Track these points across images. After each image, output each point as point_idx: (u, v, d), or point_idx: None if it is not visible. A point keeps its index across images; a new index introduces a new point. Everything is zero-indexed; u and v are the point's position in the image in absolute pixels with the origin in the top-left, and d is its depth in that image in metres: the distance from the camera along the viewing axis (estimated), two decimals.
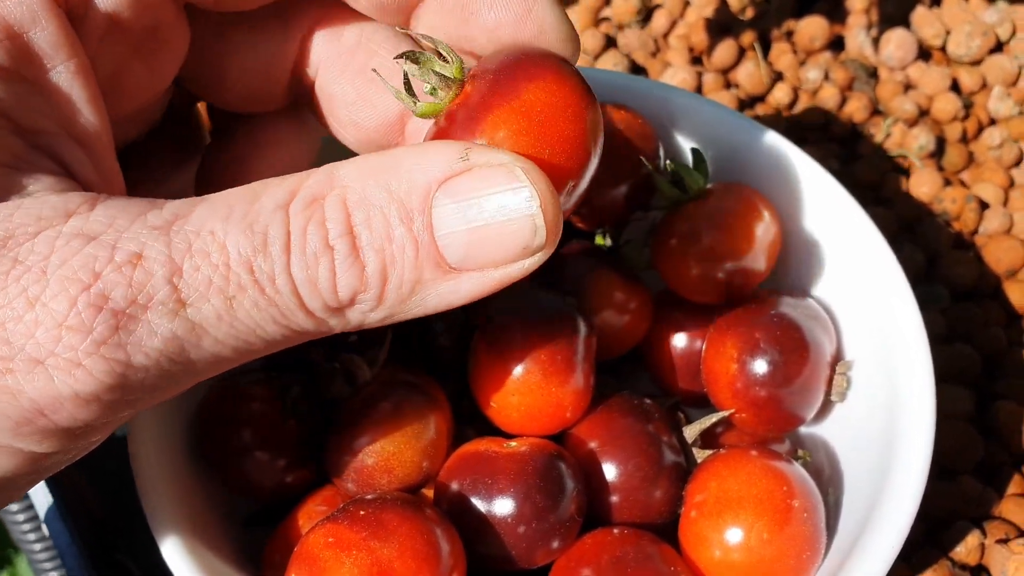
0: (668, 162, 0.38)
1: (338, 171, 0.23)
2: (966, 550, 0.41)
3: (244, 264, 0.22)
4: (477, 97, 0.25)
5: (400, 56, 0.25)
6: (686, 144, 0.41)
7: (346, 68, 0.30)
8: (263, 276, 0.22)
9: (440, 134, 0.25)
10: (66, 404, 0.22)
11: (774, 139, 0.39)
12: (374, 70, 0.28)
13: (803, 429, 0.39)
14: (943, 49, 0.59)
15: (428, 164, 0.23)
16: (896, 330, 0.35)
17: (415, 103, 0.26)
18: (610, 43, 0.60)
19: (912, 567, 0.40)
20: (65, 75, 0.24)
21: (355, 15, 0.29)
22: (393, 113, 0.30)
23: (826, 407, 0.38)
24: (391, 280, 0.23)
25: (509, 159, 0.23)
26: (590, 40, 0.59)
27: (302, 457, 0.34)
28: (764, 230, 0.37)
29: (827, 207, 0.38)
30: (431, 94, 0.25)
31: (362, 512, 0.29)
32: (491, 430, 0.36)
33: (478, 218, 0.23)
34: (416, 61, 0.25)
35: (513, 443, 0.33)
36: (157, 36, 0.27)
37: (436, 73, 0.25)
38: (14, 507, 0.54)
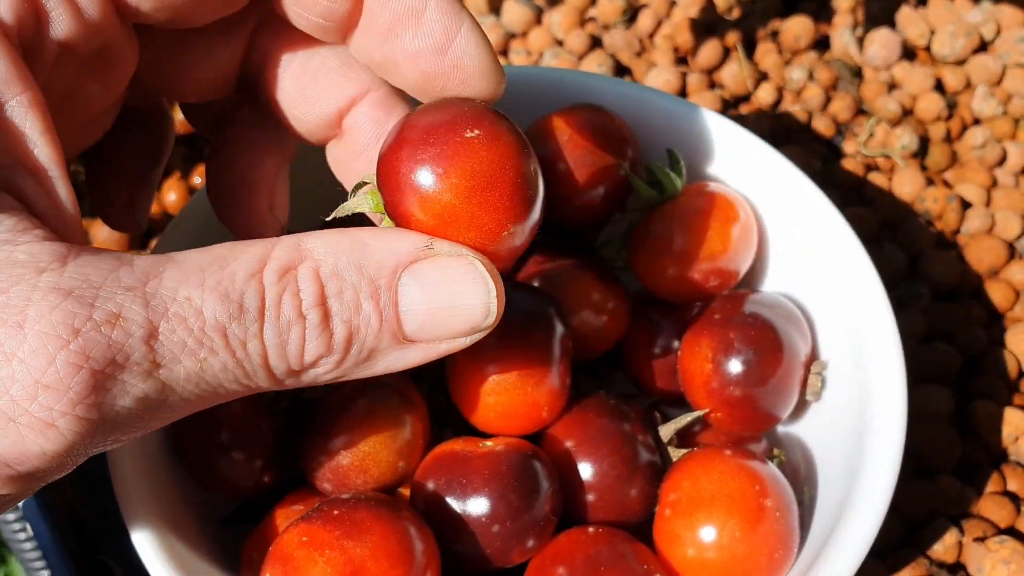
0: (645, 163, 0.38)
1: (305, 244, 0.25)
2: (944, 548, 0.41)
3: (218, 329, 0.23)
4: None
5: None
6: (663, 145, 0.41)
7: (287, 66, 0.31)
8: (235, 341, 0.23)
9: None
10: (32, 459, 0.22)
11: (750, 140, 0.39)
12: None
13: (780, 428, 0.40)
14: (928, 49, 0.59)
15: (396, 247, 0.25)
16: (870, 330, 0.36)
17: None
18: (595, 43, 0.60)
19: (889, 566, 0.41)
20: (19, 109, 0.24)
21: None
22: (331, 110, 0.31)
23: (802, 406, 0.38)
24: (353, 348, 0.25)
25: (468, 251, 0.26)
26: (575, 40, 0.59)
27: (279, 456, 0.35)
28: (739, 231, 0.37)
29: (802, 208, 0.38)
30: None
31: (336, 512, 0.30)
32: (468, 430, 0.36)
33: (439, 300, 0.25)
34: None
35: (488, 443, 0.34)
36: (108, 55, 0.28)
37: None
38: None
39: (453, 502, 0.32)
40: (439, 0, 0.27)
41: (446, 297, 0.25)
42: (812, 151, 0.55)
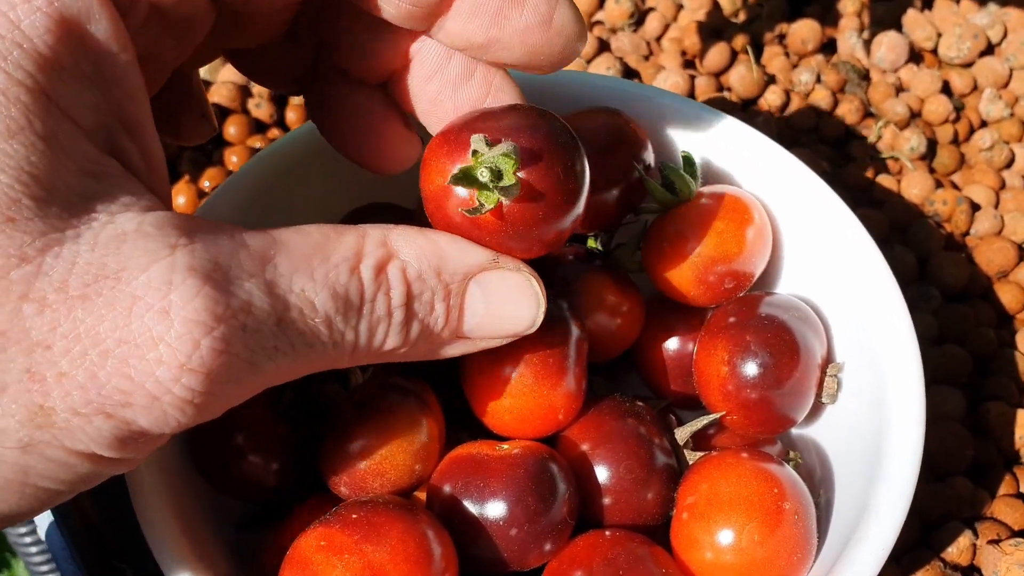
0: (660, 165, 0.38)
1: (392, 241, 0.28)
2: (958, 551, 0.41)
3: (325, 321, 0.26)
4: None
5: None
6: (677, 147, 0.41)
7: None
8: (337, 332, 0.26)
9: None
10: (167, 430, 0.24)
11: (764, 142, 0.39)
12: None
13: (794, 430, 0.40)
14: (934, 51, 0.59)
15: (470, 257, 0.29)
16: (886, 331, 0.36)
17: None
18: (603, 47, 0.60)
19: (904, 568, 0.41)
20: (119, 68, 0.25)
21: None
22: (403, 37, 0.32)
23: (817, 408, 0.38)
24: (421, 342, 0.29)
25: (526, 268, 0.30)
26: None
27: (295, 460, 0.34)
28: (755, 233, 0.37)
29: (816, 210, 0.38)
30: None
31: (354, 515, 0.29)
32: (484, 433, 0.36)
33: (497, 308, 0.29)
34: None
35: (505, 446, 0.34)
36: (190, 19, 0.29)
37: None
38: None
39: (471, 505, 0.32)
40: None
41: (503, 306, 0.29)
42: (820, 153, 0.55)
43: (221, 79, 0.59)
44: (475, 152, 0.28)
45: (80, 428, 0.23)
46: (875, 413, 0.35)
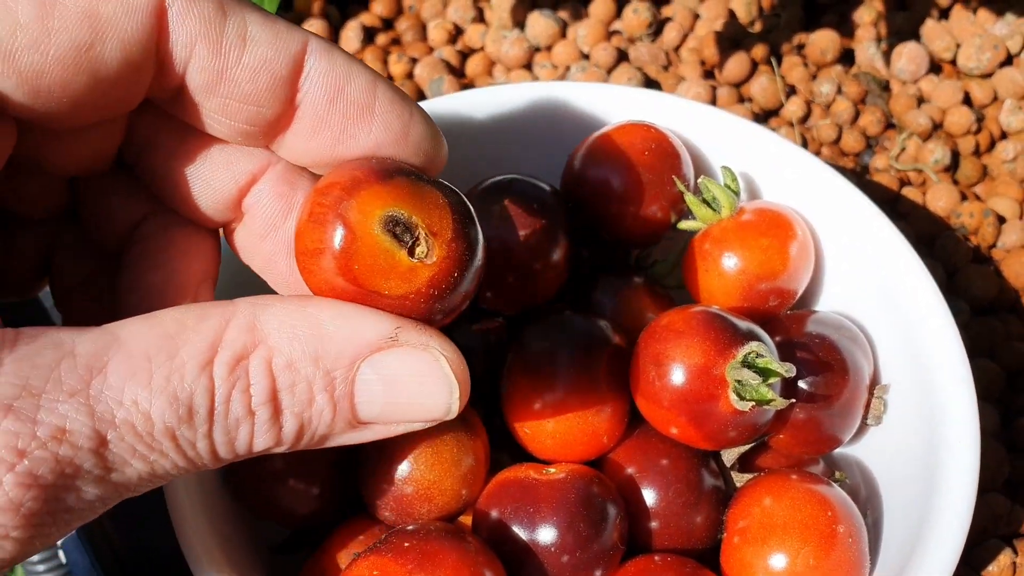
0: (699, 180, 0.37)
1: (262, 325, 0.24)
2: (998, 569, 0.41)
3: (167, 434, 0.23)
4: None
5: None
6: (712, 161, 0.40)
7: (173, 148, 0.28)
8: (185, 443, 0.23)
9: None
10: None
11: (802, 155, 0.39)
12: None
13: (836, 451, 0.39)
14: (953, 62, 0.59)
15: (358, 335, 0.24)
16: (935, 350, 0.35)
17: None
18: (622, 57, 0.59)
19: None
20: None
21: None
22: (230, 190, 0.29)
23: (860, 428, 0.37)
24: (304, 437, 0.25)
25: (436, 345, 0.25)
26: (602, 54, 0.58)
27: (336, 484, 0.34)
28: (798, 249, 0.36)
29: (858, 224, 0.38)
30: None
31: (406, 544, 0.29)
32: (524, 455, 0.35)
33: (398, 396, 0.25)
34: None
35: (552, 469, 0.33)
36: None
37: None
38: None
39: (520, 531, 0.31)
40: (385, 91, 0.27)
41: (406, 394, 0.25)
42: (843, 165, 0.55)
43: None
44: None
45: None
46: (925, 431, 0.34)
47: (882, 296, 0.37)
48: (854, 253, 0.38)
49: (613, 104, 0.41)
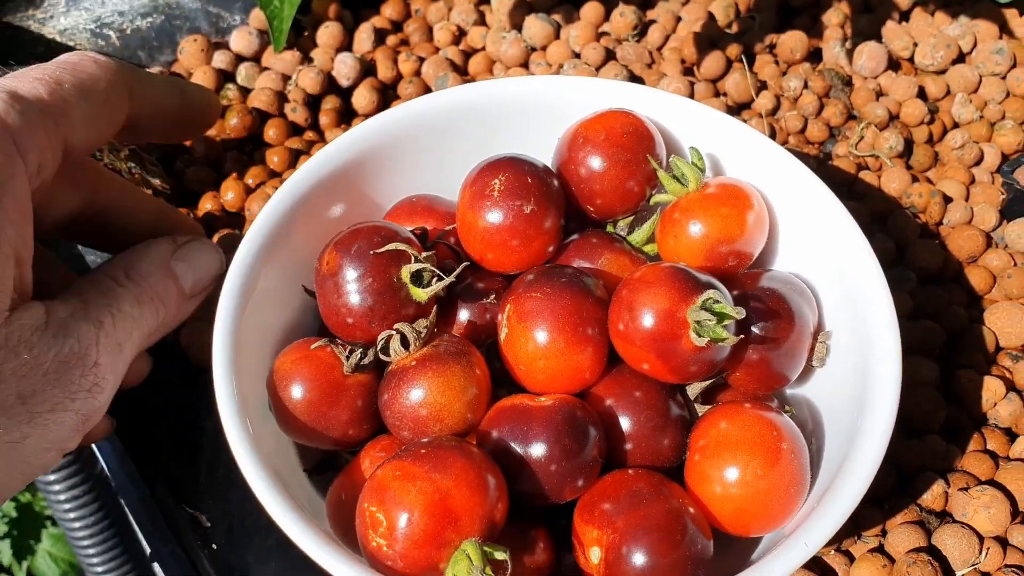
0: (670, 158, 0.44)
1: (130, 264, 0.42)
2: (932, 497, 0.46)
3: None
4: None
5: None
6: (683, 144, 0.47)
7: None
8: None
9: None
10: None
11: (762, 140, 0.45)
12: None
13: (788, 390, 0.45)
14: (911, 60, 0.65)
15: (160, 249, 0.43)
16: (869, 305, 0.41)
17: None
18: (610, 55, 0.65)
19: (885, 512, 0.46)
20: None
21: None
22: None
23: (807, 371, 0.44)
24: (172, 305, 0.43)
25: (201, 234, 0.48)
26: (591, 53, 0.64)
27: (362, 411, 0.40)
28: (754, 218, 0.43)
29: (808, 199, 0.44)
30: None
31: (423, 451, 0.35)
32: (520, 390, 0.41)
33: (196, 267, 0.43)
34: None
35: (543, 398, 0.39)
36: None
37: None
38: (51, 477, 0.59)
39: (516, 446, 0.37)
40: None
41: (201, 263, 0.43)
42: (808, 152, 0.61)
43: (259, 85, 0.64)
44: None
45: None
46: (859, 375, 0.40)
47: (827, 258, 0.43)
48: (805, 223, 0.44)
49: (600, 96, 0.47)
